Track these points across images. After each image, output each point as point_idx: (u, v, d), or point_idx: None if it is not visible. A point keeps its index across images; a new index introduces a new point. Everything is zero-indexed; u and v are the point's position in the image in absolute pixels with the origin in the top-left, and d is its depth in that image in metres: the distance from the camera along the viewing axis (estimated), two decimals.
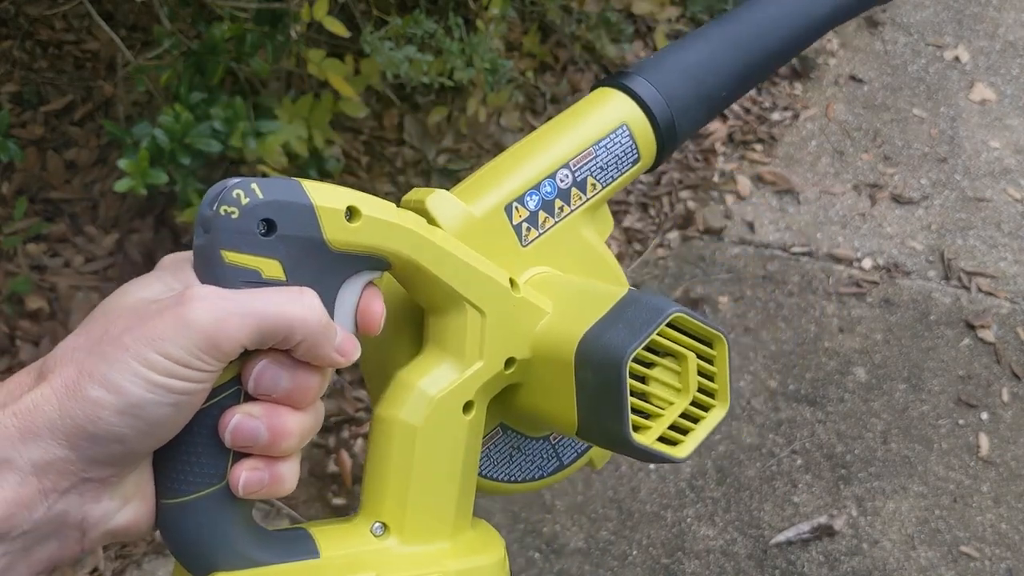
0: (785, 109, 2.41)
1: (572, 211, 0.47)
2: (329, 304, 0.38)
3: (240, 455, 0.38)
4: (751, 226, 2.14)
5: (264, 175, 1.75)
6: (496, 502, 1.72)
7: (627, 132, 0.48)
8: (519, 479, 0.49)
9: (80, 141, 2.15)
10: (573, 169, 0.47)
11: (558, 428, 0.44)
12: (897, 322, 1.93)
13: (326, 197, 0.37)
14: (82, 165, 2.12)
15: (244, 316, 0.35)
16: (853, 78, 2.49)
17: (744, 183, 2.23)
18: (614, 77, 0.49)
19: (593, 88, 0.51)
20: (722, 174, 2.25)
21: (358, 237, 0.38)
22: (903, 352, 1.88)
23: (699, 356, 0.43)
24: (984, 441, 1.74)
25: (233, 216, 0.36)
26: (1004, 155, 2.28)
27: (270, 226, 0.36)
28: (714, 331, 0.42)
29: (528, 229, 0.45)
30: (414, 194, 0.44)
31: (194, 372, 0.35)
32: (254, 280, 0.36)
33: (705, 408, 0.43)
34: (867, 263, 2.06)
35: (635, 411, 0.40)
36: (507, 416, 0.47)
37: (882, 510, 1.65)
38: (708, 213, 2.17)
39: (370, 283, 0.41)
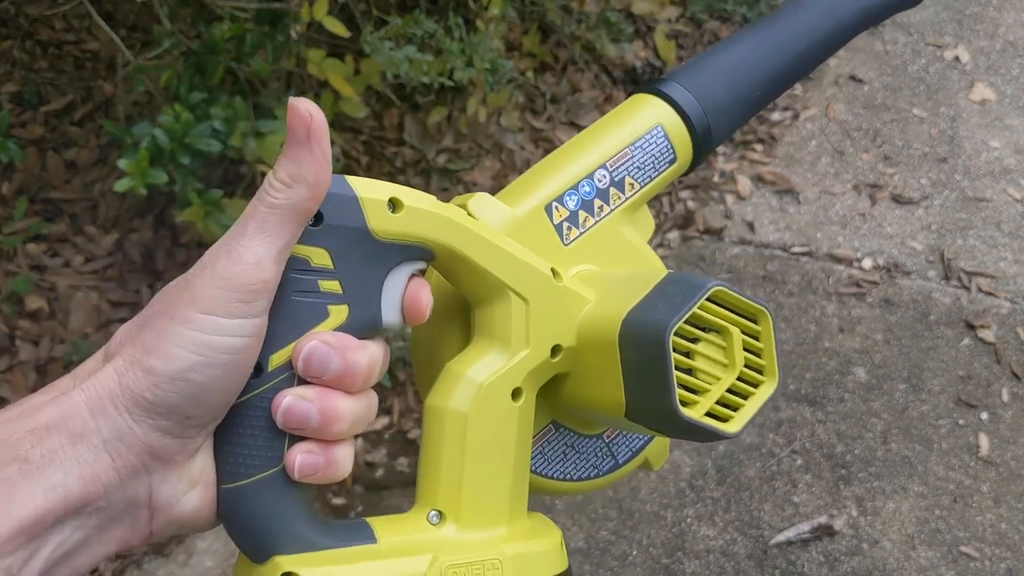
0: (785, 109, 2.41)
1: (612, 210, 0.48)
2: (375, 292, 0.40)
3: (296, 439, 0.39)
4: (751, 226, 2.14)
5: (264, 175, 1.75)
6: None
7: (662, 132, 0.49)
8: (574, 477, 0.49)
9: (80, 141, 2.15)
10: (611, 169, 0.48)
11: (607, 413, 0.44)
12: (897, 322, 1.93)
13: (369, 189, 0.39)
14: (82, 165, 2.12)
15: (268, 252, 0.37)
16: (853, 78, 2.49)
17: (744, 183, 2.23)
18: (648, 83, 0.51)
19: (628, 95, 0.52)
20: (722, 174, 2.25)
21: (401, 227, 0.39)
22: (903, 352, 1.88)
23: (744, 332, 0.43)
24: (984, 441, 1.74)
25: None
26: (1004, 155, 2.28)
27: (317, 217, 0.38)
28: (757, 305, 0.43)
29: (569, 228, 0.46)
30: (457, 200, 0.45)
31: (238, 322, 0.36)
32: (303, 268, 0.38)
33: (754, 384, 0.43)
34: (867, 263, 2.06)
35: (683, 387, 0.40)
36: (558, 413, 0.48)
37: (882, 510, 1.65)
38: (708, 213, 2.17)
39: (416, 273, 0.42)
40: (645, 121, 0.49)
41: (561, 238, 0.46)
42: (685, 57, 2.47)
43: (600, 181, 0.47)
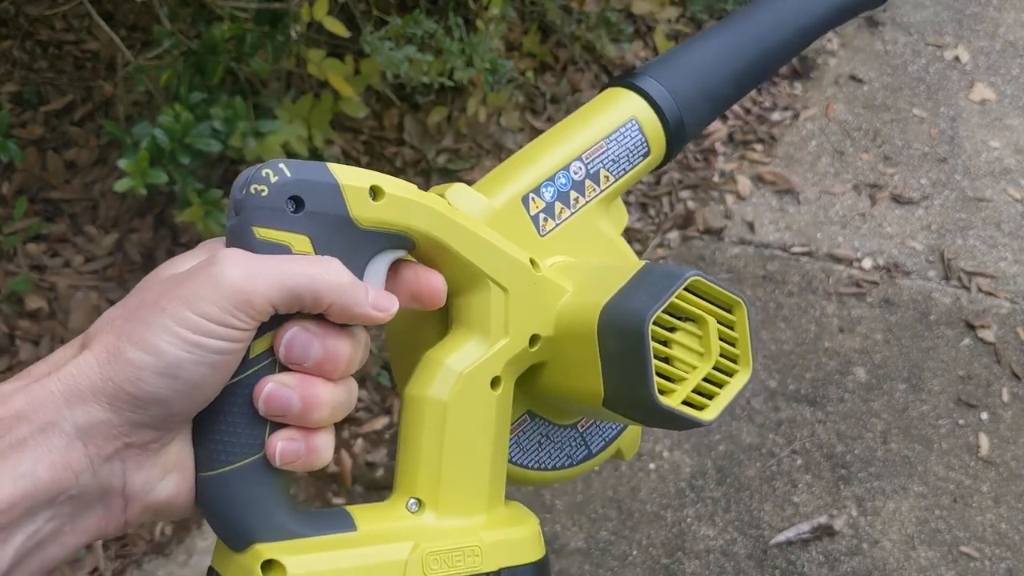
0: (785, 109, 2.41)
1: (587, 202, 0.48)
2: (356, 278, 0.40)
3: (276, 427, 0.39)
4: (751, 226, 2.14)
5: None
6: None
7: (636, 126, 0.50)
8: (549, 467, 0.50)
9: (80, 141, 2.15)
10: (586, 162, 0.48)
11: (585, 401, 0.45)
12: (897, 322, 1.93)
13: (350, 176, 0.39)
14: (82, 165, 2.12)
15: (273, 274, 0.36)
16: (853, 78, 2.49)
17: (744, 183, 2.23)
18: (622, 77, 0.52)
19: (602, 89, 0.53)
20: (722, 174, 2.25)
21: (383, 214, 0.39)
22: (903, 352, 1.88)
23: (720, 322, 0.43)
24: (984, 441, 1.74)
25: (263, 194, 0.37)
26: (1004, 155, 2.28)
27: (298, 203, 0.38)
28: (733, 296, 0.43)
29: (545, 219, 0.47)
30: (435, 190, 0.45)
31: (228, 330, 0.36)
32: (284, 255, 0.38)
33: (729, 373, 0.44)
34: (867, 263, 2.06)
35: (660, 375, 0.41)
36: (534, 403, 0.49)
37: (882, 510, 1.65)
38: (708, 213, 2.17)
39: (410, 260, 0.42)
40: (619, 114, 0.50)
41: (538, 229, 0.47)
42: None
43: (576, 173, 0.48)
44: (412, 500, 0.42)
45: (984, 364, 1.85)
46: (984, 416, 1.78)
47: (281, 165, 0.38)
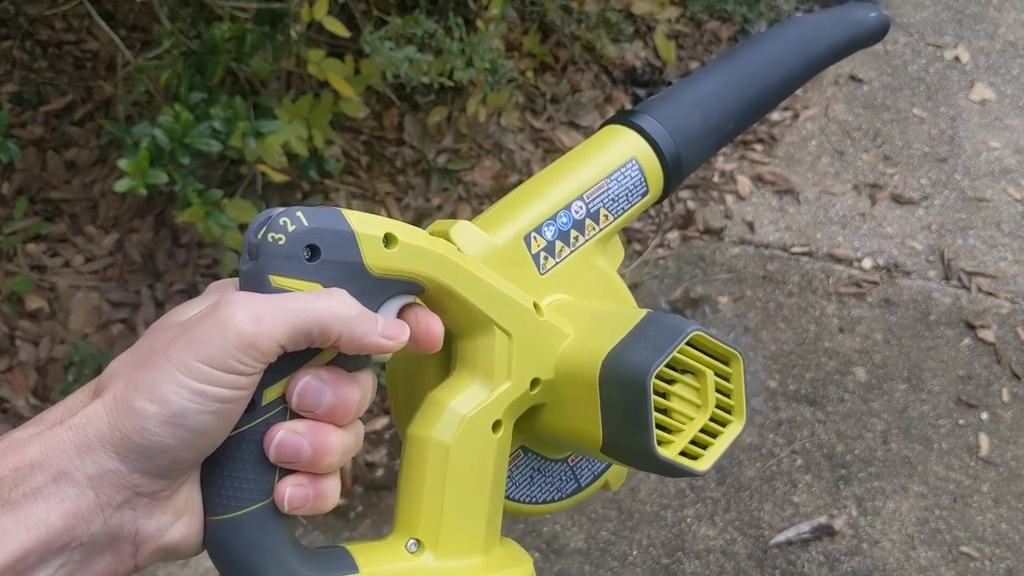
0: (785, 109, 2.41)
1: (586, 241, 0.49)
2: None
3: (285, 472, 0.39)
4: (751, 226, 2.14)
5: (264, 175, 1.75)
6: None
7: (636, 166, 0.51)
8: (539, 500, 0.51)
9: (80, 141, 2.15)
10: (587, 201, 0.49)
11: (582, 446, 0.46)
12: (897, 322, 1.93)
13: (365, 224, 0.39)
14: (82, 165, 2.12)
15: (280, 314, 0.37)
16: (853, 78, 2.49)
17: (744, 183, 2.23)
18: (622, 115, 0.52)
19: (602, 126, 0.53)
20: (722, 174, 2.25)
21: (395, 262, 0.40)
22: (903, 352, 1.88)
23: (717, 374, 0.44)
24: (984, 441, 1.74)
25: (280, 242, 0.38)
26: (1004, 155, 2.28)
27: (314, 251, 0.38)
28: (730, 349, 0.44)
29: (546, 258, 0.48)
30: (438, 225, 0.46)
31: (234, 377, 0.36)
32: None
33: (723, 424, 0.45)
34: (867, 263, 2.06)
35: (658, 426, 0.42)
36: (528, 438, 0.49)
37: (882, 510, 1.65)
38: (708, 213, 2.17)
39: (415, 303, 0.42)
40: (620, 154, 0.51)
41: (538, 267, 0.47)
42: (685, 57, 2.47)
43: (577, 212, 0.49)
44: (412, 541, 0.42)
45: (984, 364, 1.85)
46: (984, 416, 1.78)
47: (298, 213, 0.38)
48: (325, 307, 0.37)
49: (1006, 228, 2.12)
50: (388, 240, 0.40)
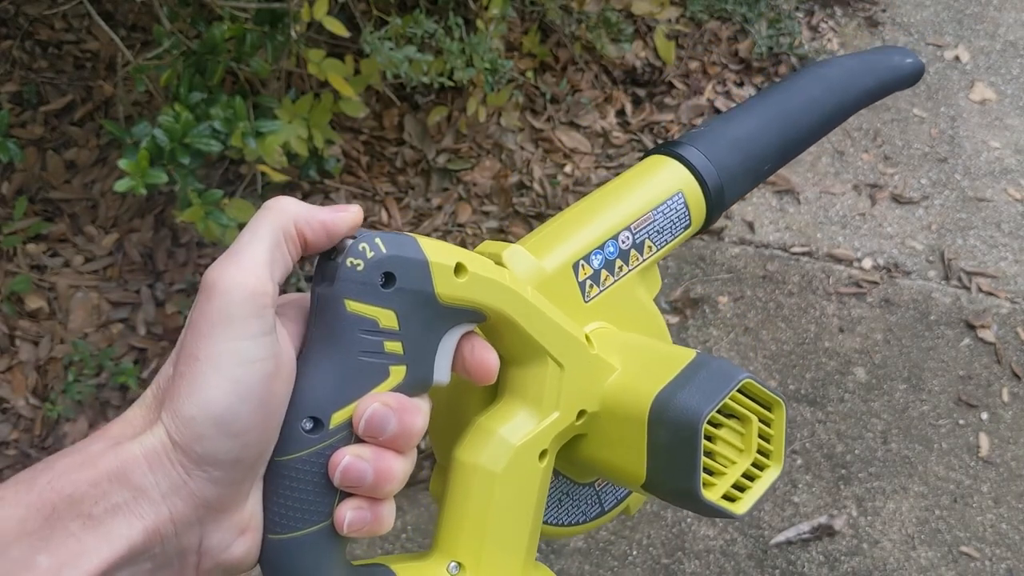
0: None
1: (630, 271, 0.50)
2: (431, 353, 0.41)
3: (345, 495, 0.40)
4: (751, 226, 2.14)
5: (264, 175, 1.75)
6: None
7: (682, 199, 0.51)
8: (565, 523, 0.51)
9: (80, 141, 2.15)
10: (634, 232, 0.50)
11: (623, 480, 0.46)
12: (897, 322, 1.93)
13: (438, 253, 0.40)
14: (82, 165, 2.12)
15: (253, 254, 0.38)
16: None
17: None
18: (668, 146, 0.53)
19: (648, 154, 0.54)
20: None
21: (464, 292, 0.40)
22: (903, 352, 1.88)
23: (760, 419, 0.46)
24: (984, 441, 1.74)
25: (358, 268, 0.38)
26: (1004, 155, 2.28)
27: (389, 278, 0.39)
28: (775, 397, 0.46)
29: (591, 286, 0.48)
30: (488, 246, 0.47)
31: (256, 343, 0.36)
32: (371, 329, 0.39)
33: (761, 468, 0.46)
34: (867, 263, 2.06)
35: (703, 469, 0.43)
36: (562, 463, 0.50)
37: (882, 510, 1.65)
38: None
39: (472, 333, 0.43)
40: (668, 186, 0.51)
41: (583, 295, 0.48)
42: (685, 57, 2.47)
43: (623, 242, 0.49)
44: (453, 563, 0.43)
45: (984, 364, 1.85)
46: (984, 416, 1.78)
47: (377, 240, 0.39)
48: (274, 219, 0.39)
49: (1006, 228, 2.12)
50: (458, 270, 0.40)
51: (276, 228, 0.39)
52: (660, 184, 0.51)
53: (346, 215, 0.40)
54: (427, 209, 2.14)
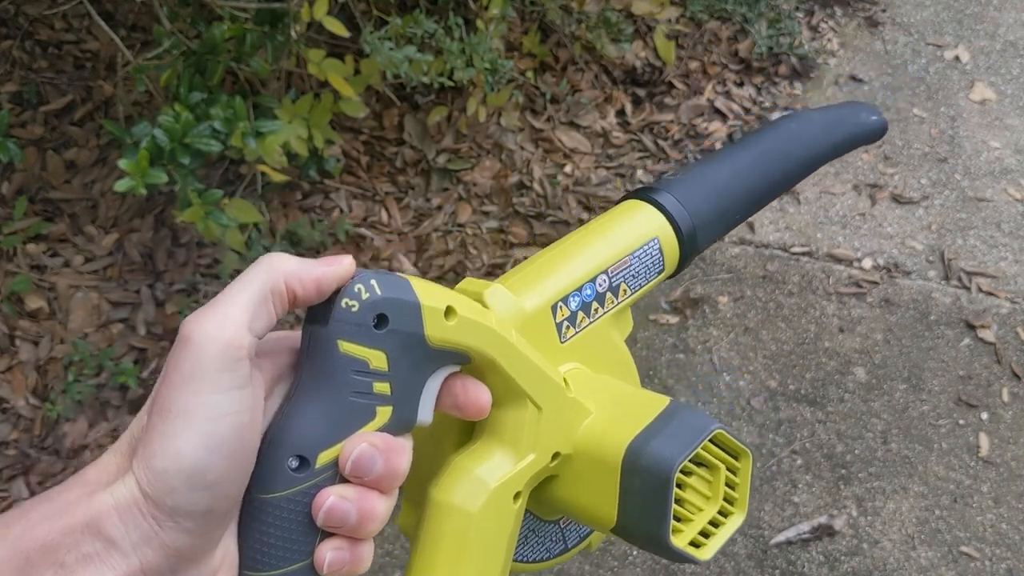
0: (785, 109, 2.41)
1: (604, 313, 0.51)
2: (417, 394, 0.41)
3: (326, 535, 0.40)
4: (751, 226, 2.14)
5: (264, 175, 1.75)
6: None
7: (657, 245, 0.53)
8: (529, 559, 0.52)
9: (80, 141, 2.15)
10: (610, 275, 0.51)
11: (593, 522, 0.47)
12: (897, 322, 1.93)
13: (430, 296, 0.41)
14: (82, 165, 2.12)
15: (237, 309, 0.38)
16: (853, 78, 2.49)
17: None
18: (646, 191, 0.55)
19: (626, 197, 0.56)
20: None
21: (452, 335, 0.41)
22: (903, 352, 1.88)
23: (727, 468, 0.47)
24: (984, 441, 1.74)
25: (353, 309, 0.39)
26: (1004, 155, 2.28)
27: (382, 320, 0.39)
28: (743, 447, 0.47)
29: (567, 327, 0.49)
30: (469, 284, 0.47)
31: (228, 397, 0.36)
32: (362, 370, 0.39)
33: (726, 515, 0.47)
34: (867, 263, 2.06)
35: (673, 516, 0.44)
36: (530, 502, 0.51)
37: (882, 510, 1.65)
38: None
39: (460, 372, 0.44)
40: (644, 232, 0.53)
41: (560, 336, 0.49)
42: (684, 57, 2.47)
43: (600, 286, 0.51)
44: None
45: (984, 364, 1.85)
46: (984, 416, 1.78)
47: (373, 282, 0.39)
48: (264, 274, 0.39)
49: (1006, 228, 2.12)
50: (448, 312, 0.41)
51: (264, 283, 0.39)
52: (637, 229, 0.53)
53: (339, 269, 0.40)
54: (427, 209, 2.14)
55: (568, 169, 2.22)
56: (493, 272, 2.06)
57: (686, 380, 1.87)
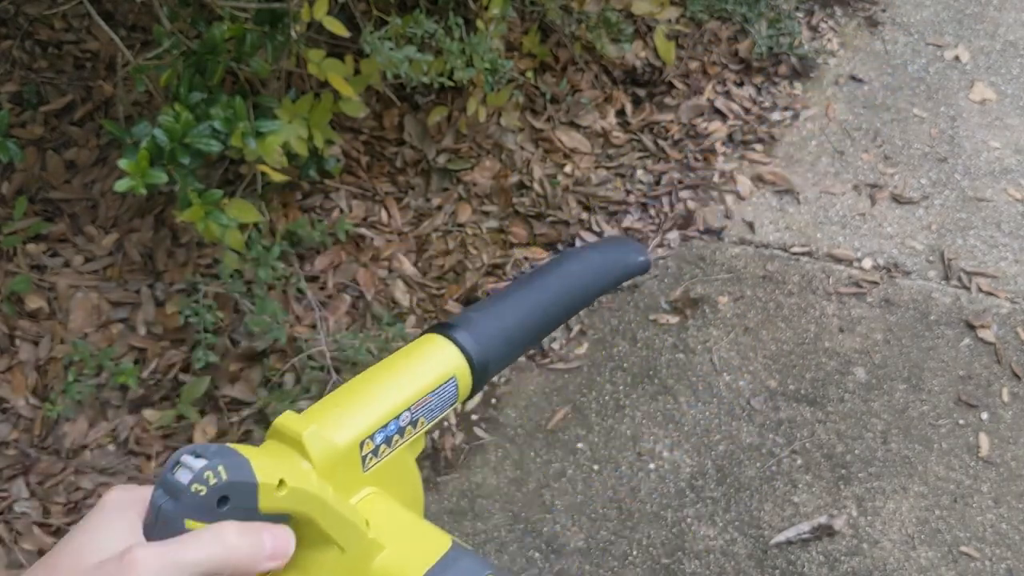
0: (785, 109, 2.41)
1: (403, 443, 0.57)
2: None
3: None
4: (751, 226, 2.14)
5: (264, 175, 1.75)
6: (496, 501, 1.72)
7: (455, 383, 0.60)
8: None
9: (80, 141, 2.15)
10: (412, 411, 0.57)
11: None
12: (897, 322, 1.93)
13: (266, 473, 0.45)
14: (82, 165, 2.12)
15: (183, 569, 0.41)
16: (853, 78, 2.49)
17: (744, 183, 2.23)
18: (447, 327, 0.62)
19: (429, 330, 0.62)
20: (722, 174, 2.25)
21: (281, 504, 0.46)
22: (903, 352, 1.88)
23: None
24: (984, 441, 1.74)
25: (201, 493, 0.43)
26: (1004, 155, 2.28)
27: (224, 500, 0.44)
28: None
29: (371, 458, 0.55)
30: (287, 419, 0.51)
31: None
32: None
33: None
34: (867, 263, 2.06)
35: None
36: None
37: (882, 510, 1.65)
38: (708, 213, 2.17)
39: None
40: (444, 371, 0.60)
41: (363, 466, 0.55)
42: (684, 57, 2.47)
43: (403, 421, 0.57)
44: None
45: (984, 364, 1.85)
46: (984, 416, 1.78)
47: (220, 467, 0.43)
48: (220, 555, 0.42)
49: (1006, 228, 2.12)
50: (280, 484, 0.46)
51: (212, 569, 0.42)
52: (438, 368, 0.60)
53: (280, 564, 0.45)
54: (427, 209, 2.14)
55: (568, 169, 2.22)
56: (493, 272, 2.06)
57: (686, 380, 1.87)
